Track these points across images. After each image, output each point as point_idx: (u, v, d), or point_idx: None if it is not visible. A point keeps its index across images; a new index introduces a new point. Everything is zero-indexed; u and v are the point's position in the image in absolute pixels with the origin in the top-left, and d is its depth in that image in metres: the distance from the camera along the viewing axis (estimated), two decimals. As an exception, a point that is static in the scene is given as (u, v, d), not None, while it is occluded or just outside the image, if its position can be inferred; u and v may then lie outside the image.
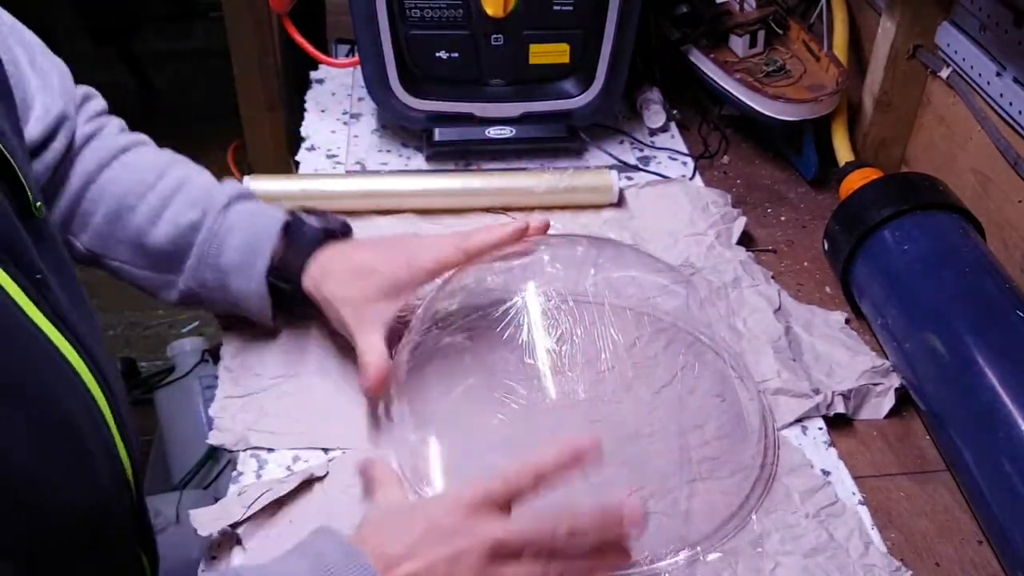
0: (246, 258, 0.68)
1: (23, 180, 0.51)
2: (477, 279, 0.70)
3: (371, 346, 0.65)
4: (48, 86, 0.66)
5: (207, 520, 0.59)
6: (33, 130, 0.64)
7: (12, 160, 0.51)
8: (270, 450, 0.66)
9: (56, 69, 0.68)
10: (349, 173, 0.95)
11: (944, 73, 0.87)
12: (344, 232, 0.73)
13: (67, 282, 0.55)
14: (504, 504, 0.50)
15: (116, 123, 0.73)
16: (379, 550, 0.48)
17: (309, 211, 0.72)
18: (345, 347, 0.73)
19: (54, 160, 0.66)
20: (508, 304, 0.67)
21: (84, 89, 0.72)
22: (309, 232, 0.70)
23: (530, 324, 0.66)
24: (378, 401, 0.67)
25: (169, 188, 0.69)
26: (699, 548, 0.60)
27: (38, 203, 0.52)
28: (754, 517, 0.62)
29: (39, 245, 0.52)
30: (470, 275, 0.71)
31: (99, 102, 0.73)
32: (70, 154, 0.68)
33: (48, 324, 0.50)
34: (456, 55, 0.90)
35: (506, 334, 0.66)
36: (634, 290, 0.71)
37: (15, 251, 0.49)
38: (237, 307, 0.71)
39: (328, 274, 0.68)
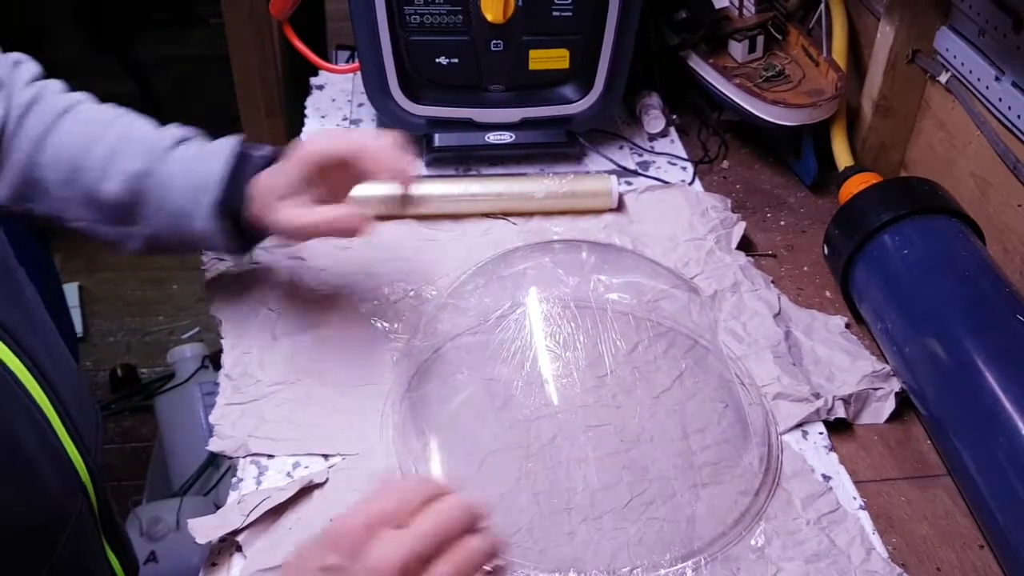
0: (195, 195, 0.67)
1: None
2: (478, 285, 0.70)
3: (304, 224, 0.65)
4: None
5: (206, 529, 0.59)
6: None
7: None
8: (270, 456, 0.66)
9: None
10: (349, 179, 0.95)
11: (943, 78, 0.87)
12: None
13: (3, 284, 0.54)
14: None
15: (55, 85, 0.72)
16: None
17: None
18: (345, 353, 0.73)
19: None
20: (509, 309, 0.67)
21: (14, 56, 0.71)
22: (254, 160, 0.69)
23: (531, 329, 0.66)
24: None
25: (115, 140, 0.69)
26: (702, 557, 0.60)
27: None
28: (763, 525, 0.62)
29: None
30: (471, 281, 0.71)
31: (31, 66, 0.71)
32: (8, 123, 0.67)
33: None
34: (456, 61, 0.90)
35: (507, 339, 0.66)
36: (635, 295, 0.71)
37: None
38: (193, 246, 0.71)
39: (263, 193, 0.67)
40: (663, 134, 1.03)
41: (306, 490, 0.62)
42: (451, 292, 0.71)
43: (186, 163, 0.68)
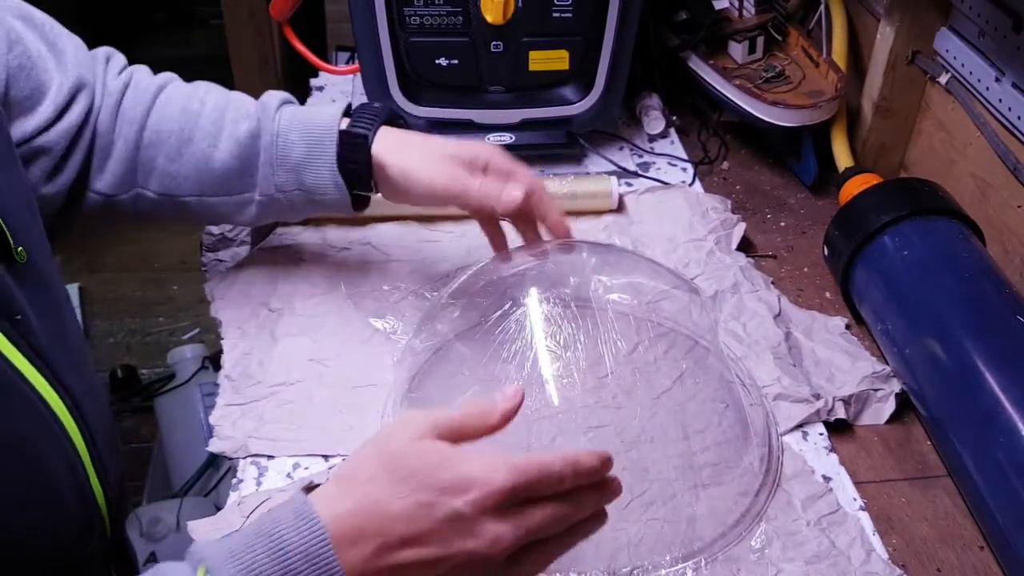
0: (312, 150, 0.68)
1: (3, 228, 0.50)
2: (478, 285, 0.70)
3: (484, 190, 0.68)
4: (62, 63, 0.67)
5: (206, 530, 0.59)
6: (46, 111, 0.65)
7: None
8: (270, 457, 0.66)
9: (70, 42, 0.69)
10: (349, 180, 0.95)
11: (943, 79, 0.87)
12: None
13: (52, 321, 0.54)
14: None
15: (144, 69, 0.74)
16: (382, 523, 0.43)
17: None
18: (345, 354, 0.73)
19: (70, 126, 0.66)
20: (509, 310, 0.67)
21: (105, 50, 0.73)
22: (371, 109, 0.71)
23: (531, 330, 0.66)
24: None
25: (216, 109, 0.70)
26: (702, 558, 0.60)
27: (19, 248, 0.51)
28: (763, 527, 0.62)
29: (21, 287, 0.51)
30: (471, 281, 0.71)
31: (120, 58, 0.74)
32: (101, 115, 0.68)
33: (24, 362, 0.50)
34: (456, 62, 0.90)
35: (507, 340, 0.66)
36: (635, 295, 0.71)
37: None
38: (316, 203, 0.71)
39: (399, 142, 0.69)
40: (663, 135, 1.03)
41: (306, 490, 0.62)
42: (451, 292, 0.71)
43: (299, 119, 0.70)
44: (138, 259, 2.11)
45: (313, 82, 1.12)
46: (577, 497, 0.47)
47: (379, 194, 0.72)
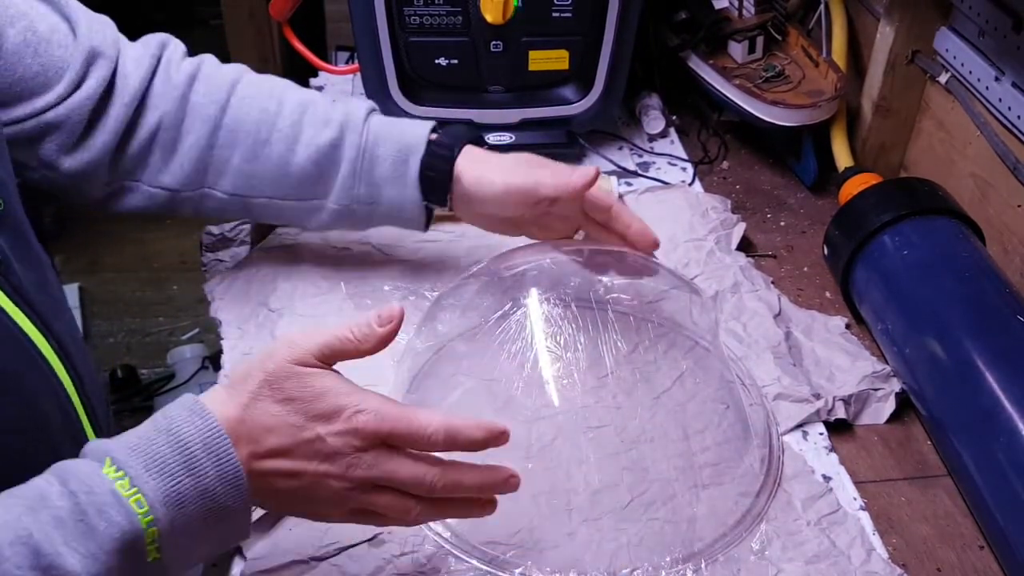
0: (398, 167, 0.68)
1: None
2: (479, 285, 0.70)
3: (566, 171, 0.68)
4: (78, 36, 0.65)
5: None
6: (61, 88, 0.63)
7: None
8: (270, 457, 0.66)
9: (84, 15, 0.67)
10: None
11: (943, 78, 0.87)
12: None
13: (33, 273, 0.55)
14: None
15: (211, 60, 0.72)
16: (256, 433, 0.48)
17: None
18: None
19: (85, 99, 0.64)
20: (510, 310, 0.67)
21: (160, 37, 0.72)
22: (457, 128, 0.71)
23: (531, 330, 0.66)
24: None
25: (295, 111, 0.69)
26: (702, 559, 0.60)
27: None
28: (763, 527, 0.62)
29: (3, 232, 0.52)
30: (472, 281, 0.71)
31: (179, 45, 0.72)
32: (114, 92, 0.67)
33: (8, 302, 0.51)
34: (455, 62, 0.90)
35: (507, 340, 0.66)
36: (635, 295, 0.71)
37: None
38: (389, 218, 0.71)
39: (475, 160, 0.69)
40: (663, 135, 1.03)
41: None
42: (451, 292, 0.71)
43: (387, 134, 0.69)
44: (138, 259, 2.11)
45: (313, 82, 1.12)
46: (453, 469, 0.51)
47: (453, 211, 0.72)
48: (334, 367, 0.51)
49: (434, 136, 0.70)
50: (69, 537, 0.42)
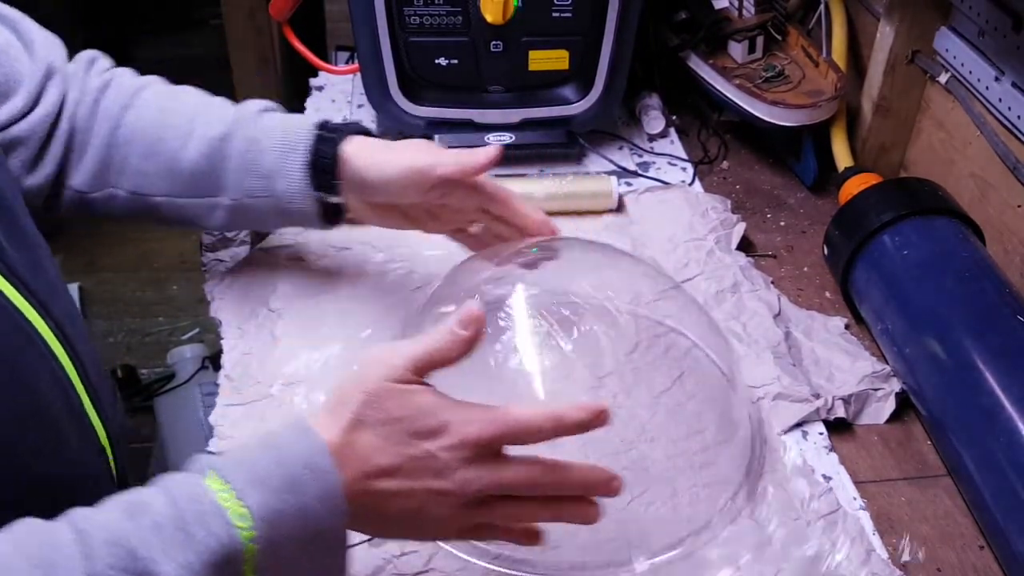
0: (286, 156, 0.68)
1: None
2: (472, 284, 0.70)
3: (455, 154, 0.66)
4: (32, 53, 0.67)
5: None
6: (19, 100, 0.65)
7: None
8: (270, 457, 0.66)
9: (40, 33, 0.69)
10: (349, 180, 0.95)
11: (943, 78, 0.87)
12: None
13: (28, 255, 0.55)
14: (502, 448, 0.50)
15: (127, 71, 0.74)
16: (363, 454, 0.47)
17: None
18: (345, 355, 0.73)
19: (45, 115, 0.66)
20: (506, 309, 0.67)
21: (90, 53, 0.73)
22: (342, 124, 0.70)
23: (531, 330, 0.66)
24: None
25: (193, 109, 0.70)
26: (703, 559, 0.60)
27: None
28: (763, 524, 0.61)
29: None
30: (464, 280, 0.70)
31: (105, 60, 0.74)
32: (65, 109, 0.68)
33: (4, 282, 0.51)
34: (455, 62, 0.90)
35: (506, 340, 0.66)
36: (634, 296, 0.71)
37: None
38: (284, 214, 0.70)
39: (366, 146, 0.68)
40: (663, 135, 1.03)
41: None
42: (444, 292, 0.71)
43: (274, 126, 0.69)
44: (138, 259, 2.11)
45: (313, 82, 1.12)
46: (559, 465, 0.50)
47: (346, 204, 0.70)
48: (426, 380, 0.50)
49: (322, 129, 0.70)
50: (167, 544, 0.41)
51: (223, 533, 0.42)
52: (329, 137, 0.68)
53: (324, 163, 0.68)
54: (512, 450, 0.50)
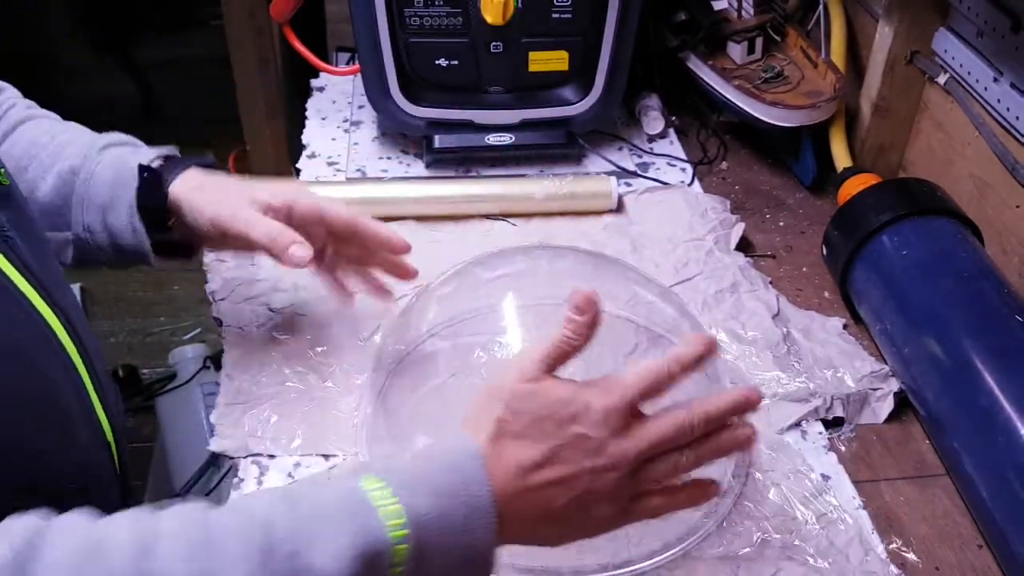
0: (115, 191, 0.67)
1: None
2: (468, 287, 0.71)
3: (269, 226, 0.65)
4: None
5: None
6: None
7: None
8: (271, 457, 0.66)
9: None
10: (349, 180, 0.95)
11: (942, 79, 0.87)
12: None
13: (36, 247, 0.56)
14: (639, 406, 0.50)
15: (23, 104, 0.72)
16: (513, 456, 0.47)
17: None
18: (346, 353, 0.74)
19: None
20: (503, 312, 0.67)
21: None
22: (178, 163, 0.69)
23: (523, 336, 0.66)
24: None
25: (61, 144, 0.68)
26: (702, 558, 0.60)
27: (2, 169, 0.55)
28: (762, 524, 0.62)
29: (5, 208, 0.53)
30: (452, 285, 0.71)
31: (11, 91, 0.72)
32: None
33: (19, 276, 0.51)
34: (456, 62, 0.90)
35: (507, 341, 0.66)
36: (626, 304, 0.71)
37: None
38: (118, 248, 0.69)
39: (191, 185, 0.67)
40: (662, 135, 1.03)
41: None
42: (446, 292, 0.71)
43: (115, 161, 0.68)
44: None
45: (313, 83, 1.12)
46: (704, 403, 0.50)
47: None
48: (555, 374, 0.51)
49: (156, 163, 0.68)
50: (315, 532, 0.42)
51: (376, 524, 0.42)
52: (153, 178, 0.67)
53: (151, 201, 0.67)
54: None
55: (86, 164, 0.68)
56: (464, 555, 0.45)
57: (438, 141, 0.95)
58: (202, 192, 0.67)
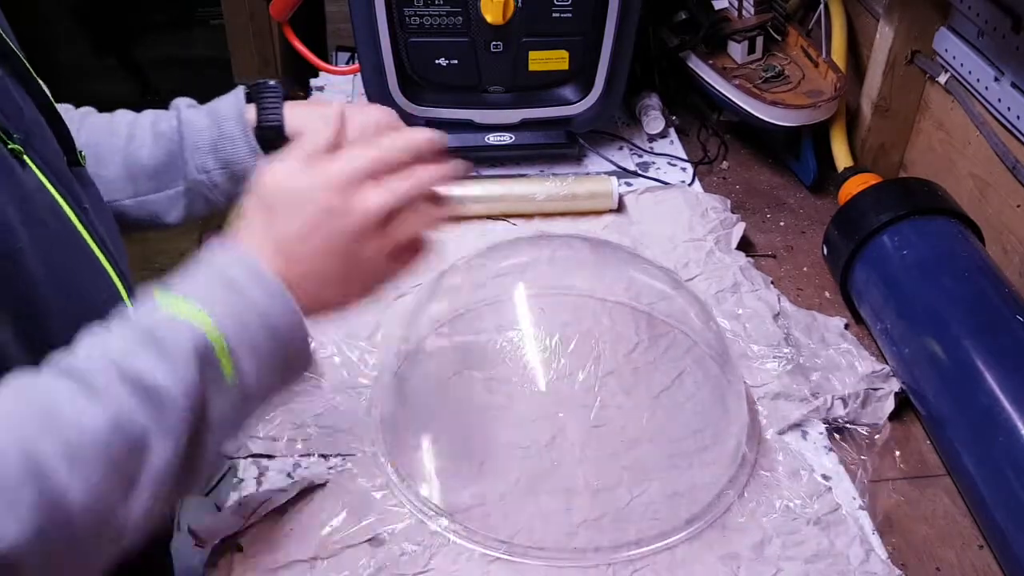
0: (223, 124, 0.70)
1: (71, 135, 0.59)
2: (472, 281, 0.71)
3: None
4: None
5: (207, 530, 0.59)
6: None
7: (64, 117, 0.59)
8: (271, 457, 0.66)
9: None
10: (349, 180, 0.95)
11: (942, 78, 0.87)
12: None
13: (106, 224, 0.61)
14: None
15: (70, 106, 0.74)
16: (276, 237, 0.51)
17: None
18: (346, 354, 0.74)
19: None
20: (508, 308, 0.67)
21: None
22: (265, 89, 0.72)
23: (531, 329, 0.66)
24: None
25: (128, 119, 0.71)
26: (702, 557, 0.60)
27: (82, 152, 0.60)
28: (762, 524, 0.62)
29: (84, 186, 0.59)
30: (462, 277, 0.71)
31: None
32: None
33: (94, 244, 0.57)
34: (456, 62, 0.90)
35: (507, 339, 0.66)
36: (634, 295, 0.71)
37: (70, 187, 0.57)
38: (237, 180, 0.70)
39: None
40: (663, 135, 1.03)
41: (307, 491, 0.63)
42: (446, 289, 0.71)
43: (193, 108, 0.72)
44: (140, 259, 2.09)
45: (313, 82, 1.12)
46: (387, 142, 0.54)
47: None
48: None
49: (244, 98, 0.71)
50: (146, 356, 0.45)
51: (188, 330, 0.46)
52: (271, 100, 0.70)
53: (270, 121, 0.70)
54: None
55: (169, 119, 0.71)
56: (274, 335, 0.49)
57: (438, 141, 0.95)
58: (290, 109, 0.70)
